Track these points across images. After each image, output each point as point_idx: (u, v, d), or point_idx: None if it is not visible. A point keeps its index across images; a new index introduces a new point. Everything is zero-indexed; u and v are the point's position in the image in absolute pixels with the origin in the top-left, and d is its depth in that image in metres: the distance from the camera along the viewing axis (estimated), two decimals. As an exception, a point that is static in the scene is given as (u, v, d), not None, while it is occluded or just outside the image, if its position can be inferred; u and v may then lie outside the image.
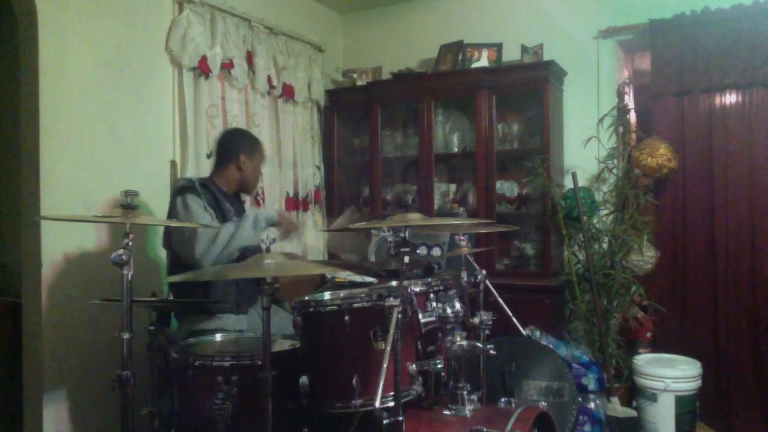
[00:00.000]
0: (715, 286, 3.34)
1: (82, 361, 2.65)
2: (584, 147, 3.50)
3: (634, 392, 3.14)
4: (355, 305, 1.80)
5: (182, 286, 2.43)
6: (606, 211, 3.48)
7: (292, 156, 3.89)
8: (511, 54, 3.75)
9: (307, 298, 2.03)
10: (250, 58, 3.52)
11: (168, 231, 2.47)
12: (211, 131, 3.23)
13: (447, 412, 1.97)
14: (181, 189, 2.44)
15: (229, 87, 3.41)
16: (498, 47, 3.74)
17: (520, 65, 3.65)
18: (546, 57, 3.58)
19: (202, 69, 3.18)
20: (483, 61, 3.72)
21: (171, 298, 2.61)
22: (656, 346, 3.41)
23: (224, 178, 2.62)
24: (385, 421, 1.63)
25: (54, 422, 2.56)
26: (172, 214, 2.45)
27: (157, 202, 2.85)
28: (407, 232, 1.76)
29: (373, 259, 3.41)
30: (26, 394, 2.62)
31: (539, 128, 3.53)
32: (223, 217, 2.47)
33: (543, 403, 2.52)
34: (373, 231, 3.49)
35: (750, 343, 3.26)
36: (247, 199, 3.32)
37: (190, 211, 2.36)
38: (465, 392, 1.99)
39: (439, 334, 1.94)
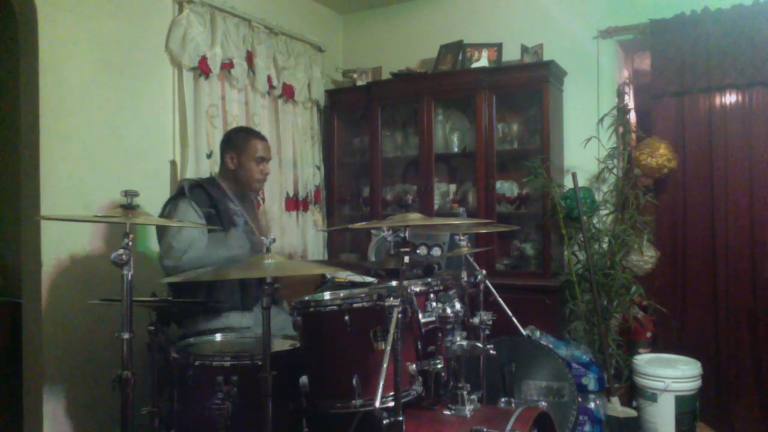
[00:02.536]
0: (715, 286, 3.33)
1: (82, 361, 2.65)
2: (584, 147, 3.49)
3: (634, 392, 3.13)
4: (355, 305, 1.81)
5: (185, 288, 2.42)
6: (606, 211, 3.48)
7: (292, 156, 3.88)
8: (511, 54, 3.75)
9: (307, 298, 2.03)
10: (250, 58, 3.52)
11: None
12: (211, 131, 3.23)
13: (447, 412, 1.98)
14: (173, 197, 2.49)
15: (229, 87, 3.41)
16: (498, 47, 3.74)
17: (520, 65, 3.65)
18: (546, 57, 3.58)
19: (202, 69, 3.18)
20: (483, 61, 3.72)
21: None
22: (656, 346, 3.41)
23: (224, 177, 2.64)
24: (385, 421, 1.64)
25: (54, 422, 2.56)
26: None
27: (157, 202, 2.82)
28: (407, 232, 1.76)
29: (373, 258, 3.42)
30: (26, 394, 2.62)
31: (539, 128, 3.53)
32: (224, 217, 2.47)
33: (543, 403, 2.52)
34: (373, 231, 3.49)
35: (750, 343, 3.26)
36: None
37: (172, 220, 2.37)
38: (465, 392, 1.99)
39: (439, 334, 1.94)
